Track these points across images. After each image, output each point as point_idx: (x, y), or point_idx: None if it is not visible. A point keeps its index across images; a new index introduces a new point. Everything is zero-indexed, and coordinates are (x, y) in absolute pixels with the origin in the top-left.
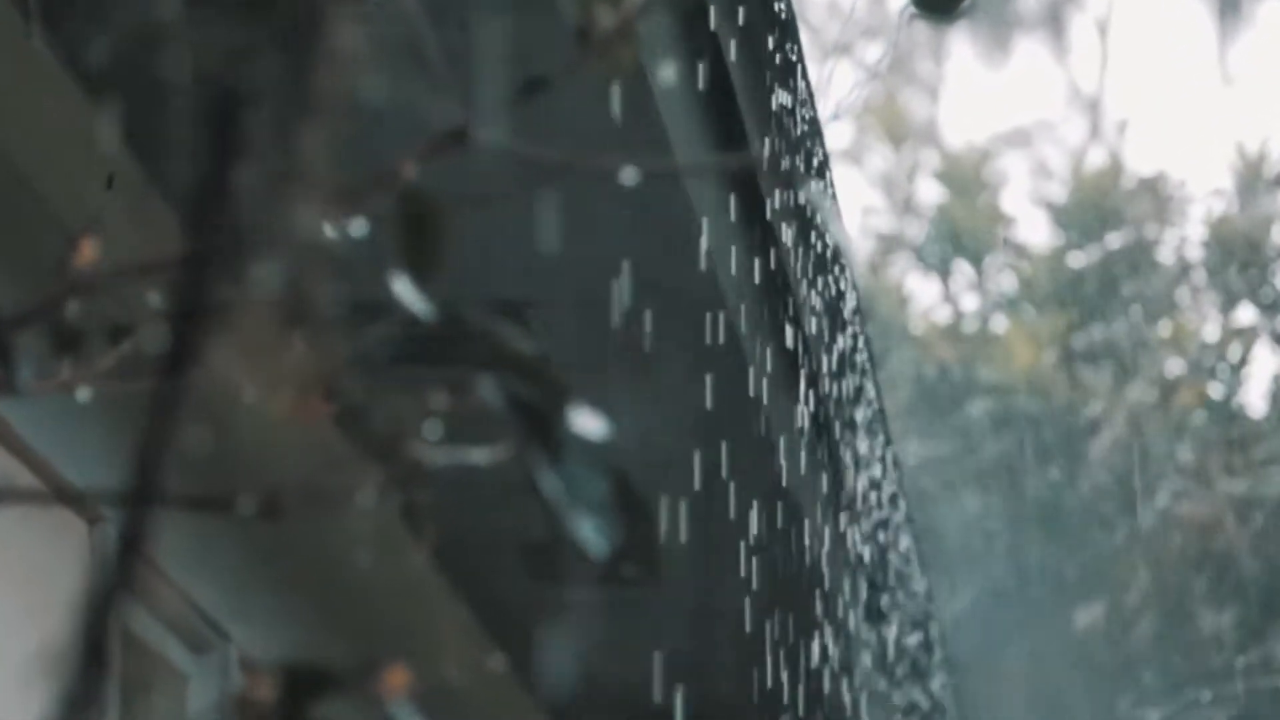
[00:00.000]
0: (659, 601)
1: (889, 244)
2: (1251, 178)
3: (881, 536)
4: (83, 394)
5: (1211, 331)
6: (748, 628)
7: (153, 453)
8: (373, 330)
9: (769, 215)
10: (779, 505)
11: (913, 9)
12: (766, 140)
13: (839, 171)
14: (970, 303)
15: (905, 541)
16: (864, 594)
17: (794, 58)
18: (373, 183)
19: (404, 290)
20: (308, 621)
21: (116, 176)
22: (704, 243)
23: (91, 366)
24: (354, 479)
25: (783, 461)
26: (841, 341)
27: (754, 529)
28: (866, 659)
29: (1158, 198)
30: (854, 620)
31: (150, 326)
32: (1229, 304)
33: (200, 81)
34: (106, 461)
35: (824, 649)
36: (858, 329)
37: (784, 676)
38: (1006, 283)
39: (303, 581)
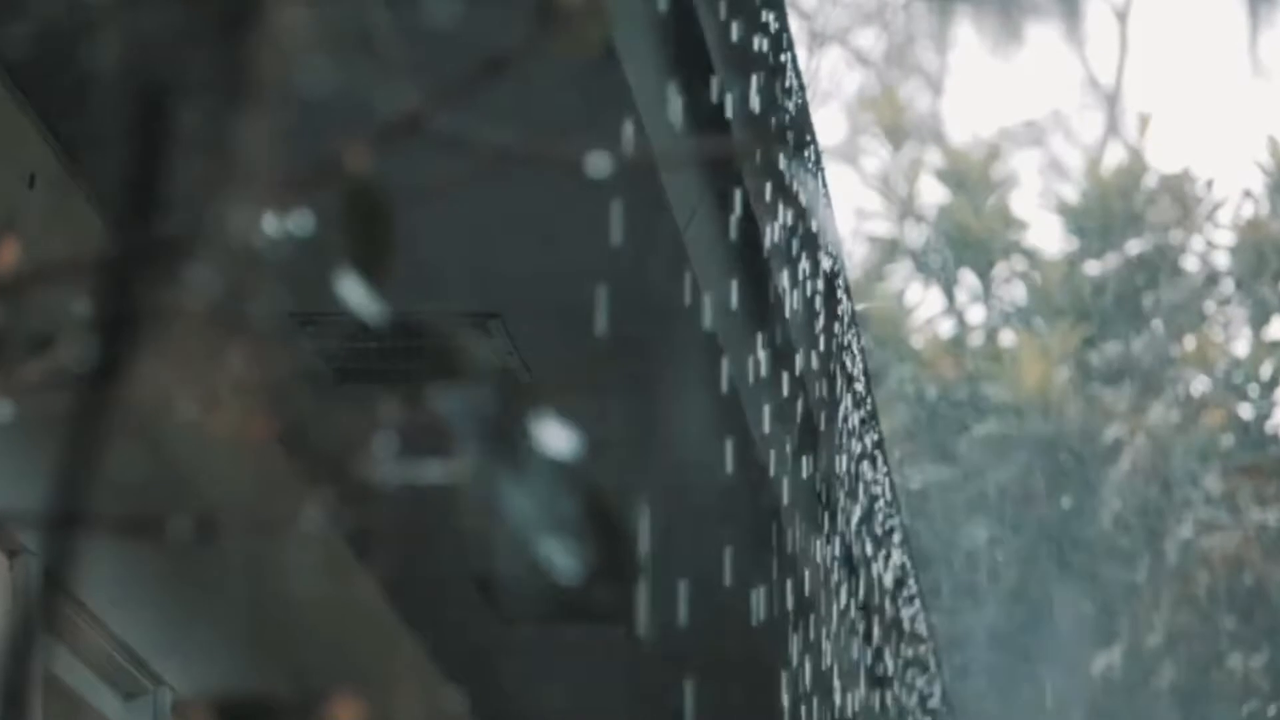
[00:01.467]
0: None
1: (887, 250)
2: None
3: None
4: (2, 409)
5: (1241, 347)
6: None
7: (77, 473)
8: (320, 339)
9: (758, 218)
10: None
11: None
12: (749, 128)
13: (831, 170)
14: (976, 315)
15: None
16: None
17: (783, 45)
18: (316, 175)
19: (352, 292)
20: (249, 662)
21: (38, 174)
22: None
23: (12, 379)
24: (299, 502)
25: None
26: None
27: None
28: None
29: (1182, 199)
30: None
31: (76, 335)
32: (1260, 317)
33: (128, 72)
34: (28, 485)
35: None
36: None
37: None
38: (1016, 293)
39: (244, 617)
